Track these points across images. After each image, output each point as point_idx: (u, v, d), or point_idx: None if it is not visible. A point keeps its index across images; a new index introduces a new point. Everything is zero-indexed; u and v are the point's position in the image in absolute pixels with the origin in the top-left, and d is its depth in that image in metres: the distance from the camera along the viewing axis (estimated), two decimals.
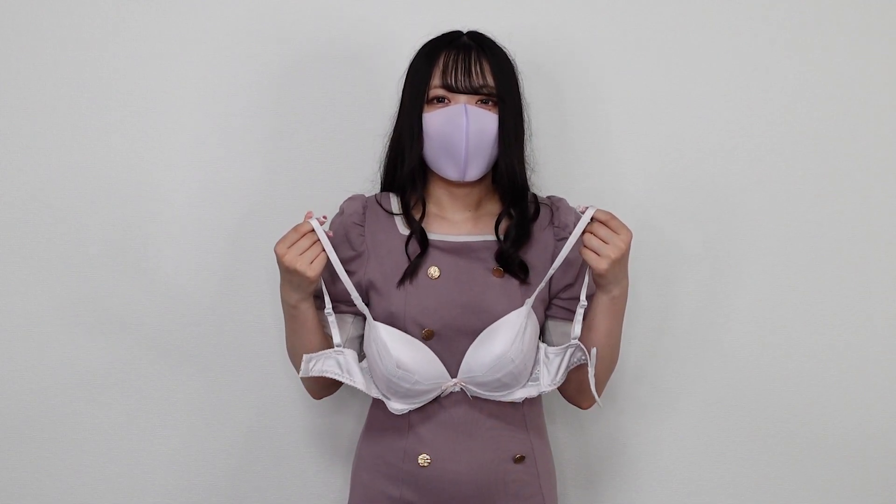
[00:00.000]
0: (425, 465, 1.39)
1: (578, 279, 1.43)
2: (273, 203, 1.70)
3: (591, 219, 1.32)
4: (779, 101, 1.76)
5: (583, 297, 1.37)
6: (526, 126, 1.45)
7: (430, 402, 1.39)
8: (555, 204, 1.49)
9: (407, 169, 1.41)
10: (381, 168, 1.49)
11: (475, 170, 1.39)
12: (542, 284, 1.37)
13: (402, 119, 1.43)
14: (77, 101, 1.67)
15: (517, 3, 1.71)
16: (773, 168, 1.76)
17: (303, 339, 1.40)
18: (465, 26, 1.46)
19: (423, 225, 1.43)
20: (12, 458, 1.72)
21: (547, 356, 1.39)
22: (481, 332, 1.36)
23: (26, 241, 1.68)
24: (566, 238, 1.38)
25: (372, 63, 1.69)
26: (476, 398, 1.40)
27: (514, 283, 1.41)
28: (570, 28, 1.72)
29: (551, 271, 1.36)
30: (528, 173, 1.47)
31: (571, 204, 1.51)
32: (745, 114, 1.75)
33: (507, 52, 1.42)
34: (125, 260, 1.69)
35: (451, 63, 1.37)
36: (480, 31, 1.43)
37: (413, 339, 1.36)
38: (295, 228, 1.32)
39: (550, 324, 1.47)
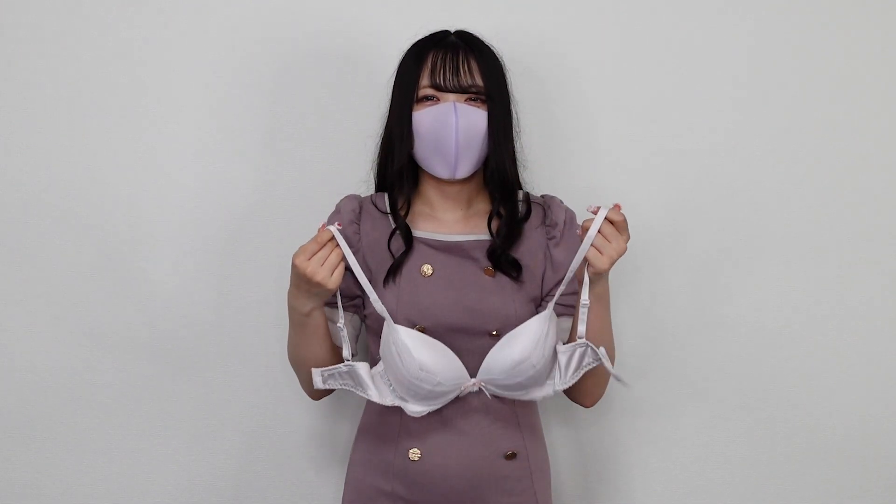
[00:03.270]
0: (416, 459, 1.40)
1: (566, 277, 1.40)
2: (271, 204, 1.70)
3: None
4: (779, 101, 1.76)
5: (585, 296, 1.33)
6: (515, 123, 1.45)
7: None
8: (547, 202, 1.49)
9: (396, 167, 1.42)
10: (374, 168, 1.50)
11: (465, 167, 1.40)
12: (562, 288, 1.34)
13: (392, 118, 1.43)
14: (77, 101, 1.67)
15: (506, 2, 1.71)
16: (773, 168, 1.76)
17: (312, 347, 1.39)
18: (454, 26, 1.46)
19: (413, 224, 1.44)
20: (12, 458, 1.72)
21: (556, 355, 1.37)
22: (473, 329, 1.37)
23: (26, 242, 1.68)
24: (556, 237, 1.41)
25: (368, 63, 1.69)
26: (469, 395, 1.40)
27: (506, 280, 1.41)
28: (562, 27, 1.72)
29: (569, 274, 1.32)
30: (521, 171, 1.48)
31: (576, 203, 1.50)
32: (745, 114, 1.75)
33: (495, 51, 1.43)
34: (125, 260, 1.69)
35: (439, 63, 1.38)
36: (468, 31, 1.44)
37: (434, 340, 1.34)
38: (314, 239, 1.30)
39: None
